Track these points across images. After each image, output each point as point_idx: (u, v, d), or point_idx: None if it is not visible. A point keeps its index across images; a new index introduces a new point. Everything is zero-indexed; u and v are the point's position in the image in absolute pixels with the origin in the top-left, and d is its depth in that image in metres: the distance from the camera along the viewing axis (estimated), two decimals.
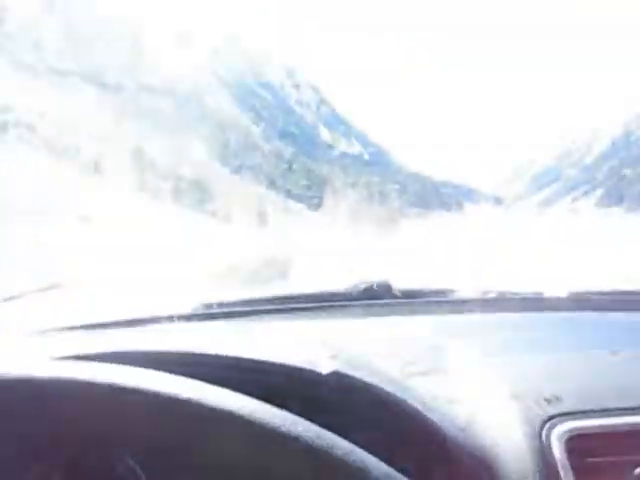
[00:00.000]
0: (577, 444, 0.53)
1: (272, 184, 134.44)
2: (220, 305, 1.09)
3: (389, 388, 0.54)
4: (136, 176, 56.21)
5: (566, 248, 19.75)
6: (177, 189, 52.56)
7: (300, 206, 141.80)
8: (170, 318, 0.97)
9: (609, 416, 0.55)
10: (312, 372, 0.53)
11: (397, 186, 50.68)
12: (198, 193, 58.10)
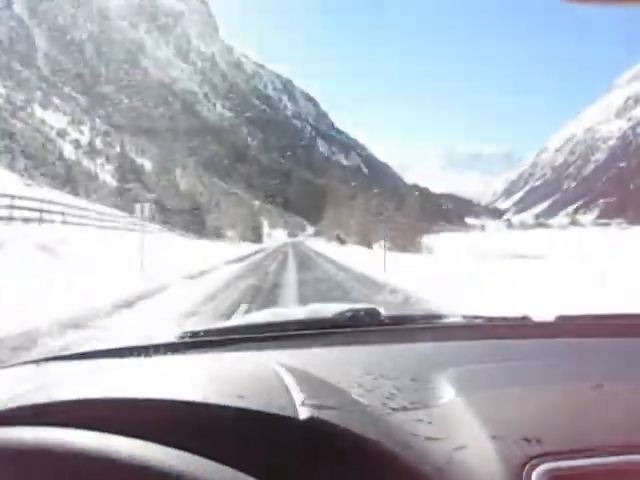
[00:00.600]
0: None
1: (269, 197, 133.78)
2: (207, 333, 1.07)
3: (366, 430, 0.52)
4: (126, 187, 55.75)
5: (567, 261, 19.24)
6: (170, 202, 52.01)
7: (298, 219, 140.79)
8: (155, 348, 0.94)
9: (591, 456, 0.55)
10: (286, 418, 0.51)
11: (396, 198, 50.38)
12: (192, 206, 57.62)
